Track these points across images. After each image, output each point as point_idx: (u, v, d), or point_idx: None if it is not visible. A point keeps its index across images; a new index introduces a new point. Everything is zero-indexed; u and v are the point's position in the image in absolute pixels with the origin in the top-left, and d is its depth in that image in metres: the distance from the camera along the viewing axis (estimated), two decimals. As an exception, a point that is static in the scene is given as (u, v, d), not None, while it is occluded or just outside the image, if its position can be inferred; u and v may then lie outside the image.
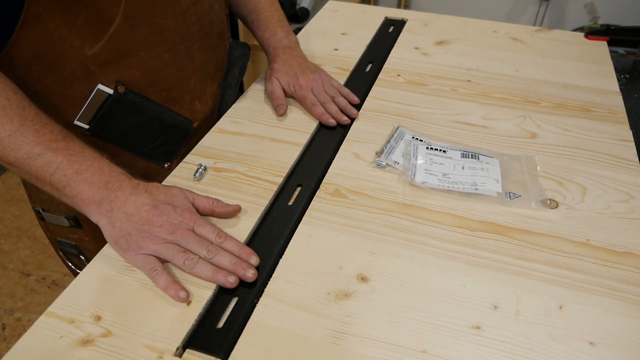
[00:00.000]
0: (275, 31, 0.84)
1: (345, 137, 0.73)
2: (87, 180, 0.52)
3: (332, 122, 0.75)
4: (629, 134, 0.74)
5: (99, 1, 0.55)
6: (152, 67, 0.64)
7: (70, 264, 0.79)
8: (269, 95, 0.80)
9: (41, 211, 0.73)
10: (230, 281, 0.50)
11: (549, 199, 0.63)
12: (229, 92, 0.79)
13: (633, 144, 0.72)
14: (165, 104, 0.68)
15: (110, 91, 0.61)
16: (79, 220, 0.71)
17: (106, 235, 0.53)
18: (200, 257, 0.51)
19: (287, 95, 0.81)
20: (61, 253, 0.79)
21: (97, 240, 0.56)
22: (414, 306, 0.50)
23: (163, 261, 0.52)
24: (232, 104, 0.80)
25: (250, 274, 0.50)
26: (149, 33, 0.62)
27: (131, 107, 0.64)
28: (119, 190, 0.52)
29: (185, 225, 0.52)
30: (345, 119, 0.76)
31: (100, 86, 0.60)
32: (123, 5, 0.57)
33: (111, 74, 0.61)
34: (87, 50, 0.57)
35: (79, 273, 0.52)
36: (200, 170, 0.64)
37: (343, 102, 0.78)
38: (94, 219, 0.53)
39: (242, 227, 0.58)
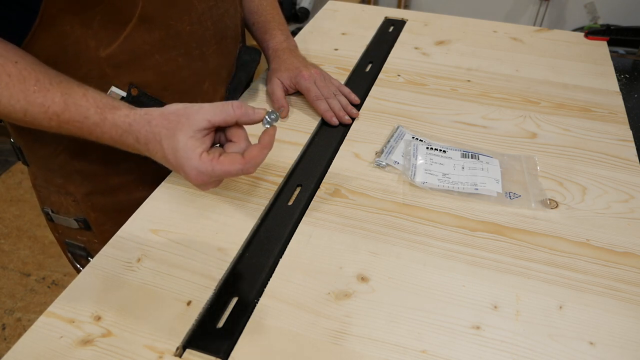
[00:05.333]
0: (274, 34, 0.84)
1: (345, 137, 0.73)
2: (110, 140, 0.52)
3: (335, 121, 0.75)
4: (629, 134, 0.74)
5: (116, 3, 0.55)
6: (167, 71, 0.64)
7: (78, 266, 0.79)
8: (270, 96, 0.80)
9: (50, 212, 0.73)
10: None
11: (549, 199, 0.63)
12: (234, 96, 0.79)
13: (633, 144, 0.72)
14: None
15: (123, 93, 0.61)
16: (88, 223, 0.72)
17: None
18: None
19: (289, 92, 0.81)
20: (69, 255, 0.79)
21: (105, 243, 0.56)
22: (414, 306, 0.50)
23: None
24: None
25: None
26: (164, 36, 0.61)
27: None
28: (149, 146, 0.51)
29: (206, 179, 0.50)
30: (347, 119, 0.76)
31: (114, 88, 0.60)
32: (140, 7, 0.56)
33: (125, 76, 0.60)
34: (102, 52, 0.57)
35: None
36: (270, 117, 0.52)
37: (344, 100, 0.78)
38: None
39: (242, 227, 0.58)
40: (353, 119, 0.77)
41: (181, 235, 0.57)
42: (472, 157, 0.68)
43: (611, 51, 0.98)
